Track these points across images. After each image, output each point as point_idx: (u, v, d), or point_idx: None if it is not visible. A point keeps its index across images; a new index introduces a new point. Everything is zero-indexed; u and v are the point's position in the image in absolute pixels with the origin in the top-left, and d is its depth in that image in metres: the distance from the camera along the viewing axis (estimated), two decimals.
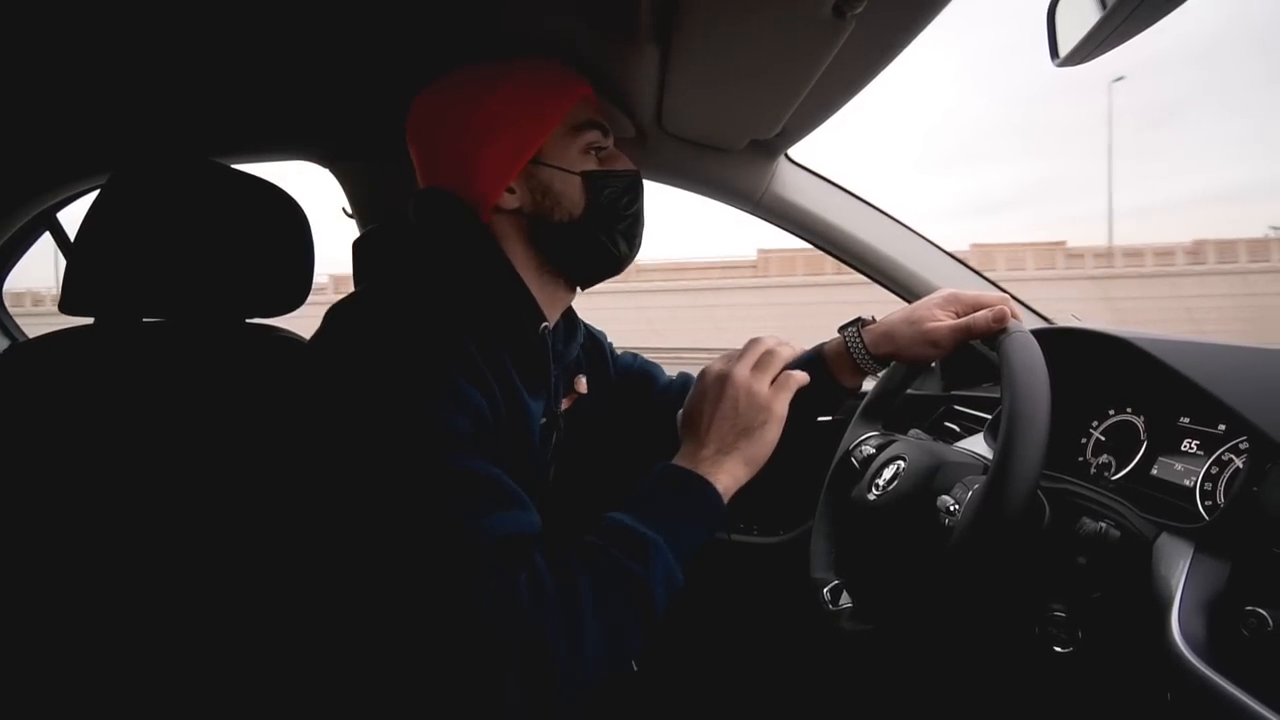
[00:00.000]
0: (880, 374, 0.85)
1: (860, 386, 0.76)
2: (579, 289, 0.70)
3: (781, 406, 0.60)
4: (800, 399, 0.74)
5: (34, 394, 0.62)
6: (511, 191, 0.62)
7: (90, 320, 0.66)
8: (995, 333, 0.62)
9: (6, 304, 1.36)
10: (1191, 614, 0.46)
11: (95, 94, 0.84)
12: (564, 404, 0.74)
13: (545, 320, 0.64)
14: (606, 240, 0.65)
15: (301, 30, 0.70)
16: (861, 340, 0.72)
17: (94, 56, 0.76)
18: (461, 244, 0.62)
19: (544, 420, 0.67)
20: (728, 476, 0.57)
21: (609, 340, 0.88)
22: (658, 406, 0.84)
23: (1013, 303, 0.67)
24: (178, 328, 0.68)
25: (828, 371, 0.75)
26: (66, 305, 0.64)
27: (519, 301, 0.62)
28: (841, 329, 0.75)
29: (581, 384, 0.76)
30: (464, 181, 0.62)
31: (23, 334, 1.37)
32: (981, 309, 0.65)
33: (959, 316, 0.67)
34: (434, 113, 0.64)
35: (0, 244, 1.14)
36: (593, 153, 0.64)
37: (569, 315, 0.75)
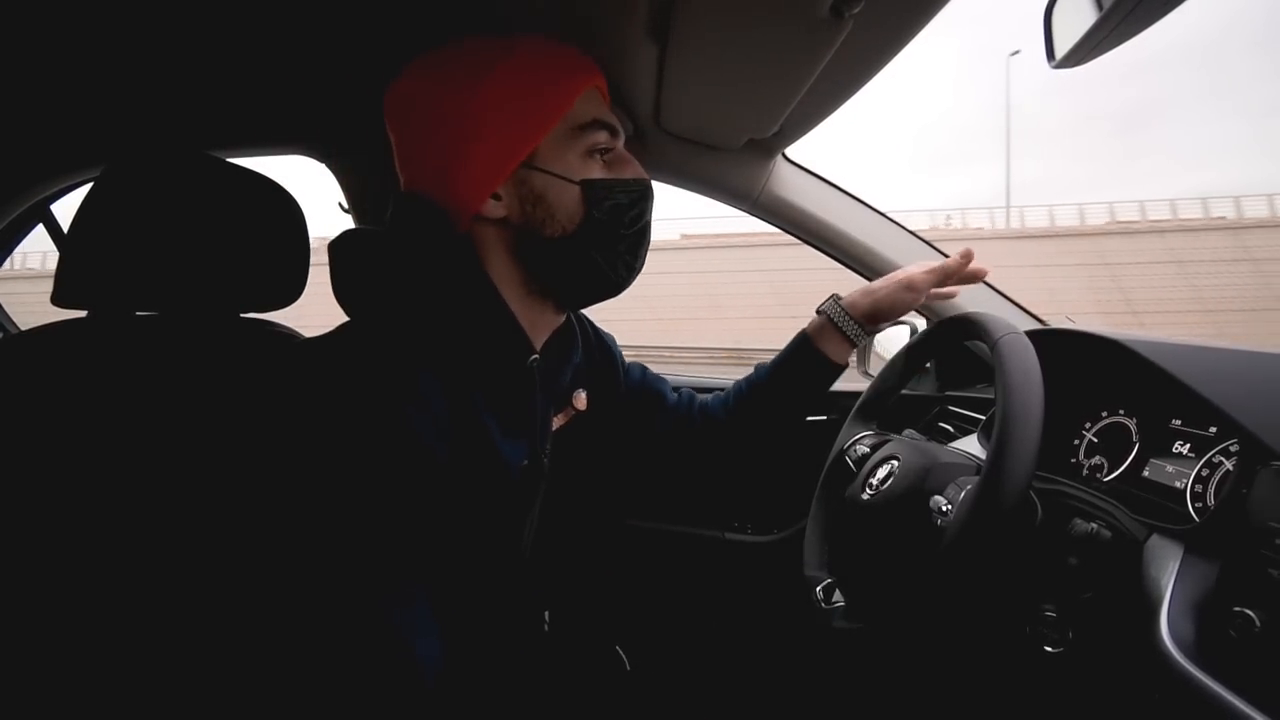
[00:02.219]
0: (876, 374, 0.86)
1: (848, 361, 0.81)
2: (568, 312, 0.63)
3: None
4: (795, 383, 0.79)
5: (26, 386, 0.61)
6: (497, 198, 0.54)
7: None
8: (965, 270, 0.76)
9: None
10: (1180, 615, 0.46)
11: (90, 86, 0.84)
12: (558, 421, 0.68)
13: (533, 352, 0.58)
14: (604, 261, 0.56)
15: (296, 22, 0.70)
16: (841, 307, 0.76)
17: (89, 48, 0.75)
18: (435, 262, 0.54)
19: (526, 462, 0.60)
20: None
21: (618, 345, 0.81)
22: (664, 429, 0.81)
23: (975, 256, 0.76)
24: (171, 321, 0.68)
25: (817, 349, 0.77)
26: (59, 298, 0.64)
27: (501, 331, 0.55)
28: (819, 309, 0.78)
29: (581, 400, 0.70)
30: (442, 184, 0.54)
31: (15, 325, 1.36)
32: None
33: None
34: (413, 99, 0.55)
35: None
36: (597, 156, 0.55)
37: (565, 328, 0.66)
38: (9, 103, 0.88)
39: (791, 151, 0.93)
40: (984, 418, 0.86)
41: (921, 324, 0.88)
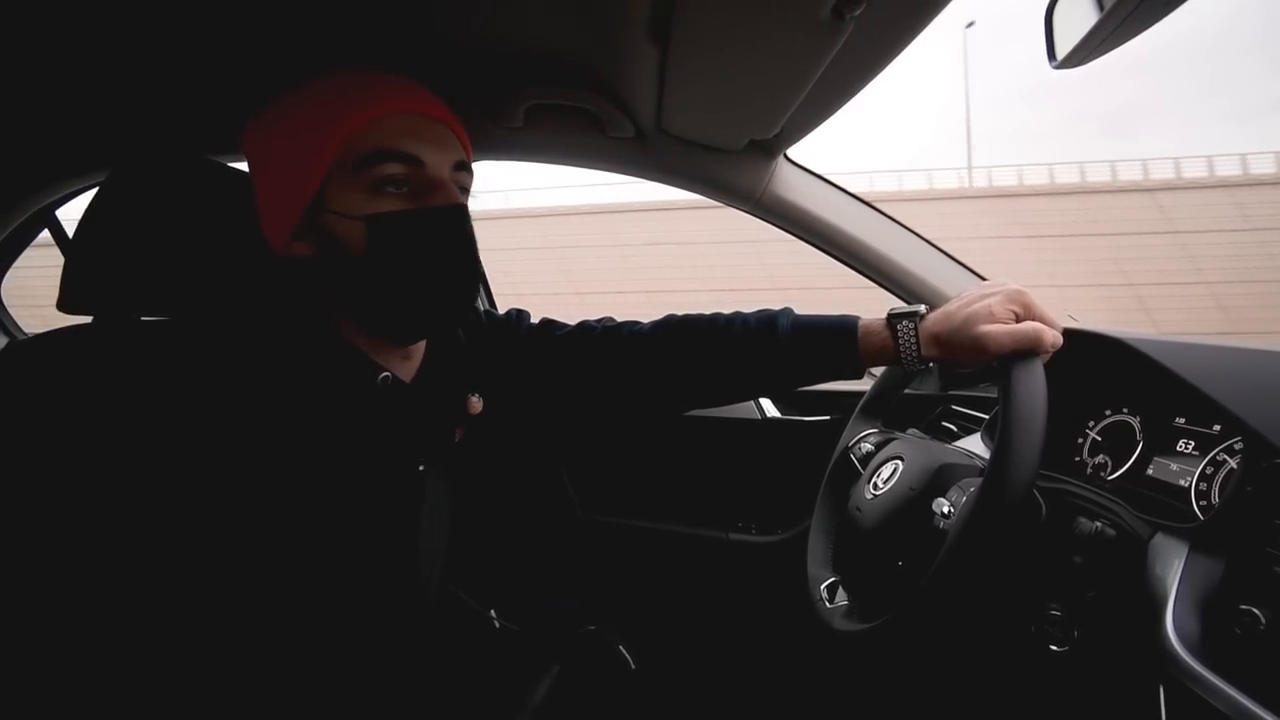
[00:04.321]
0: (879, 372, 0.86)
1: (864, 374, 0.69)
2: (403, 343, 0.62)
3: None
4: (814, 366, 0.66)
5: (31, 392, 0.62)
6: (299, 238, 0.56)
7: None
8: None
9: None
10: (1186, 613, 0.46)
11: (94, 91, 0.84)
12: (458, 431, 0.69)
13: (383, 370, 0.58)
14: (401, 294, 0.55)
15: (300, 28, 0.70)
16: (917, 340, 0.61)
17: (93, 53, 0.75)
18: (263, 293, 0.58)
19: (419, 469, 0.62)
20: None
21: (524, 319, 0.77)
22: (594, 346, 0.72)
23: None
24: (176, 326, 0.68)
25: (858, 354, 0.64)
26: (65, 304, 0.64)
27: (337, 356, 0.57)
28: (893, 320, 0.63)
29: (474, 405, 0.68)
30: (263, 224, 0.58)
31: (21, 331, 1.37)
32: (1044, 323, 0.57)
33: (1019, 319, 0.57)
34: (244, 149, 0.59)
35: None
36: (391, 189, 0.54)
37: (442, 341, 0.67)
38: (13, 108, 0.89)
39: (794, 151, 0.93)
40: (988, 417, 0.86)
41: None
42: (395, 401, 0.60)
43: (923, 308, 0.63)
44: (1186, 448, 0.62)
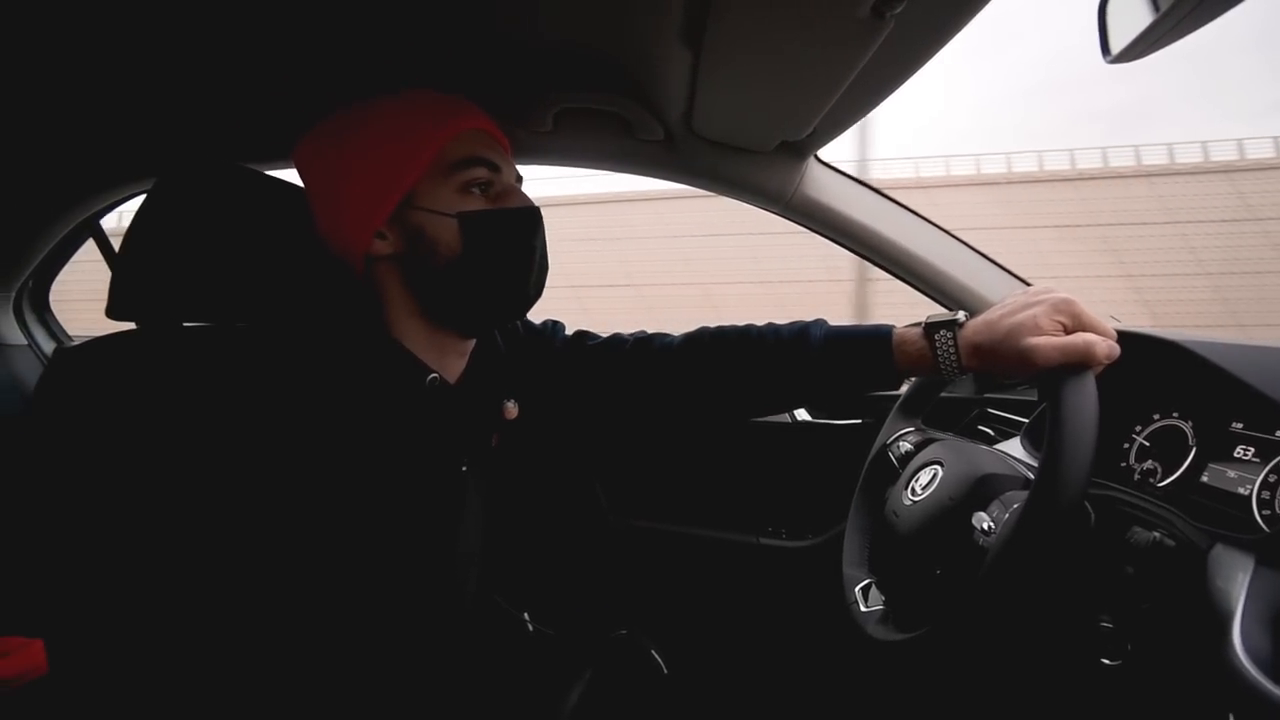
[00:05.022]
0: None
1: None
2: (473, 335, 0.66)
3: None
4: (848, 377, 0.66)
5: (84, 398, 0.63)
6: (382, 237, 0.59)
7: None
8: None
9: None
10: (1254, 628, 0.44)
11: (139, 101, 0.87)
12: (496, 436, 0.71)
13: (432, 372, 0.61)
14: (490, 287, 0.61)
15: (336, 39, 0.71)
16: (956, 350, 0.59)
17: (137, 63, 0.77)
18: (324, 298, 0.61)
19: (463, 470, 0.65)
20: None
21: (559, 330, 0.79)
22: (621, 364, 0.73)
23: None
24: (223, 331, 0.69)
25: (893, 364, 0.63)
26: (113, 311, 0.66)
27: (387, 358, 0.60)
28: (931, 330, 0.61)
29: (510, 411, 0.71)
30: (333, 229, 0.60)
31: (69, 337, 1.41)
32: (1096, 333, 0.54)
33: (1068, 330, 0.55)
34: (304, 160, 0.62)
35: (46, 251, 1.18)
36: (476, 191, 0.60)
37: (485, 346, 0.70)
38: (59, 118, 0.92)
39: (823, 152, 0.92)
40: (1027, 420, 0.84)
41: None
42: (442, 402, 0.62)
43: (961, 315, 0.61)
44: (1245, 454, 0.59)
